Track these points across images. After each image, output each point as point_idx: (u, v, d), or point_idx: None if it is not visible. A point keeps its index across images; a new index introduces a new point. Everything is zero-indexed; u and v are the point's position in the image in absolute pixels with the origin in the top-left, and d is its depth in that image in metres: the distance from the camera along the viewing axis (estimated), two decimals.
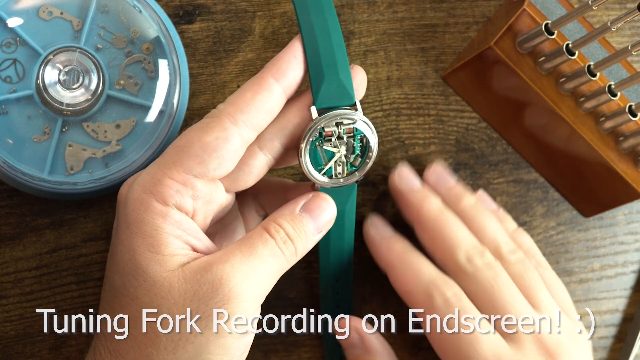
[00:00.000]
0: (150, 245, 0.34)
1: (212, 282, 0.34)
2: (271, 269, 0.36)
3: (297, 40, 0.37)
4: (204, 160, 0.35)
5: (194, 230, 0.36)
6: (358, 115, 0.37)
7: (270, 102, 0.36)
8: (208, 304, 0.34)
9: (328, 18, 0.37)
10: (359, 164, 0.39)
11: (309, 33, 0.37)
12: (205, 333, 0.34)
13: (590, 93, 0.45)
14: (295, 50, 0.37)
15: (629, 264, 0.51)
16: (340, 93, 0.37)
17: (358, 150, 0.38)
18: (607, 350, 0.51)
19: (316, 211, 0.38)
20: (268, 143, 0.37)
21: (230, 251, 0.35)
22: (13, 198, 0.44)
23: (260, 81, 0.36)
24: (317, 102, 0.37)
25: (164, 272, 0.34)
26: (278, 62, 0.36)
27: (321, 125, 0.37)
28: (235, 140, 0.35)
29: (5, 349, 0.44)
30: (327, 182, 0.38)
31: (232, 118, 0.35)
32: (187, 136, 0.35)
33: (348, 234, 0.42)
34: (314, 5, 0.37)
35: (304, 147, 0.37)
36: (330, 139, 0.37)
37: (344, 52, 0.37)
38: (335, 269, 0.44)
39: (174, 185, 0.35)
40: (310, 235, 0.37)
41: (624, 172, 0.46)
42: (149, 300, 0.34)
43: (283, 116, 0.37)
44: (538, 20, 0.44)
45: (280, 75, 0.36)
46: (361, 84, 0.38)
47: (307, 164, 0.37)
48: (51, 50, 0.41)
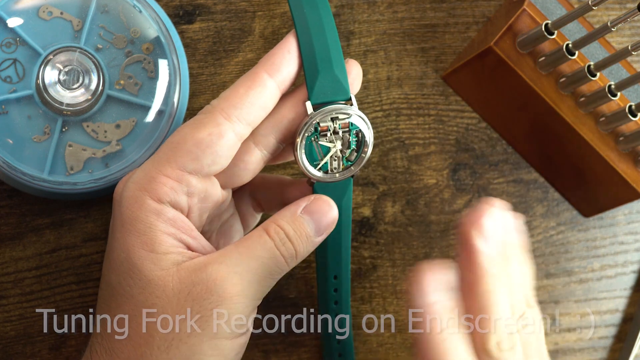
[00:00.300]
0: (144, 243, 0.34)
1: (206, 283, 0.34)
2: (268, 270, 0.35)
3: (291, 35, 0.37)
4: (198, 156, 0.35)
5: (188, 228, 0.36)
6: (353, 109, 0.37)
7: (264, 98, 0.36)
8: (202, 304, 0.34)
9: (322, 13, 0.37)
10: (355, 159, 0.39)
11: (303, 28, 0.37)
12: (199, 333, 0.34)
13: (590, 93, 0.45)
14: (289, 45, 0.36)
15: (629, 264, 0.51)
16: (335, 88, 0.37)
17: (354, 145, 0.38)
18: (607, 350, 0.51)
19: (317, 214, 0.38)
20: (263, 139, 0.37)
21: (227, 252, 0.35)
22: (13, 198, 0.44)
23: (254, 77, 0.36)
24: (312, 97, 0.36)
25: (158, 271, 0.34)
26: (272, 57, 0.36)
27: (316, 121, 0.37)
28: (229, 136, 0.35)
29: (5, 349, 0.44)
30: (322, 177, 0.38)
31: (225, 113, 0.35)
32: (180, 133, 0.35)
33: (345, 229, 0.42)
34: (307, 0, 0.37)
35: (300, 142, 0.37)
36: (325, 134, 0.37)
37: (339, 46, 0.37)
38: (333, 265, 0.44)
39: (168, 182, 0.35)
40: (311, 237, 0.37)
41: (624, 172, 0.46)
42: (144, 299, 0.34)
43: (278, 111, 0.37)
44: (538, 20, 0.44)
45: (274, 71, 0.36)
46: (356, 78, 0.38)
47: (302, 159, 0.37)
48: (51, 50, 0.41)
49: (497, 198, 0.37)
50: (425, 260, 0.48)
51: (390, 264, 0.48)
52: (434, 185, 0.48)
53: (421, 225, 0.48)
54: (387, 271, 0.48)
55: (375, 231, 0.48)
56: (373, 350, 0.48)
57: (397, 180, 0.48)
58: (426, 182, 0.48)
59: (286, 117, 0.37)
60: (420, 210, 0.48)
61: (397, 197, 0.48)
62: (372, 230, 0.48)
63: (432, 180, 0.48)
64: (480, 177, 0.49)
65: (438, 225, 0.48)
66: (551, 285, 0.50)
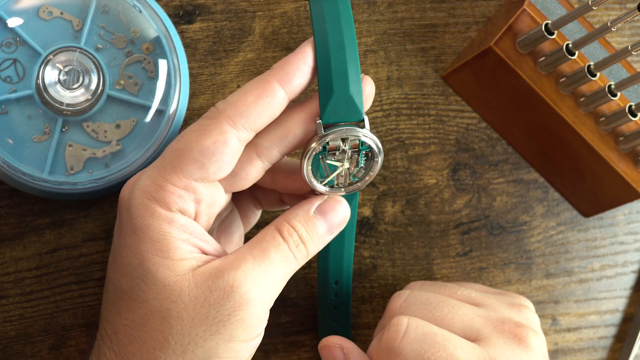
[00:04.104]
0: (158, 250, 0.34)
1: (223, 289, 0.34)
2: (282, 273, 0.35)
3: (308, 45, 0.35)
4: (204, 164, 0.34)
5: (200, 232, 0.36)
6: (365, 132, 0.36)
7: (273, 108, 0.35)
8: (219, 310, 0.34)
9: (344, 28, 0.35)
10: (362, 176, 0.38)
11: (323, 43, 0.35)
12: (215, 338, 0.34)
13: (590, 93, 0.45)
14: (305, 56, 0.35)
15: (629, 264, 0.51)
16: (348, 108, 0.35)
17: (362, 163, 0.37)
18: (607, 350, 0.51)
19: (330, 214, 0.37)
20: (266, 151, 0.36)
21: (242, 256, 0.35)
22: (13, 198, 0.44)
23: (265, 85, 0.35)
24: (324, 116, 0.35)
25: (174, 277, 0.34)
26: (286, 66, 0.35)
27: (326, 141, 0.36)
28: (233, 143, 0.35)
29: (5, 349, 0.44)
30: (328, 191, 0.38)
31: (231, 121, 0.34)
32: (185, 139, 0.35)
33: (348, 237, 0.42)
34: (330, 13, 0.35)
35: (307, 161, 0.36)
36: (334, 153, 0.36)
37: (357, 64, 0.35)
38: (334, 271, 0.44)
39: (176, 191, 0.34)
40: (322, 237, 0.37)
41: (624, 172, 0.46)
42: (159, 304, 0.34)
43: (284, 124, 0.36)
44: (538, 20, 0.44)
45: (287, 82, 0.35)
46: (369, 96, 0.36)
47: (308, 175, 0.37)
48: (51, 50, 0.41)
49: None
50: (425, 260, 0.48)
51: (390, 264, 0.48)
52: (434, 185, 0.48)
53: (421, 225, 0.48)
54: (387, 271, 0.48)
55: (375, 231, 0.48)
56: None
57: (397, 180, 0.48)
58: (426, 182, 0.48)
59: (292, 132, 0.36)
60: (420, 210, 0.48)
61: (397, 197, 0.48)
62: (372, 230, 0.48)
63: (432, 180, 0.48)
64: (480, 177, 0.49)
65: (438, 225, 0.48)
66: (551, 285, 0.50)
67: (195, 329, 0.34)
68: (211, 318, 0.34)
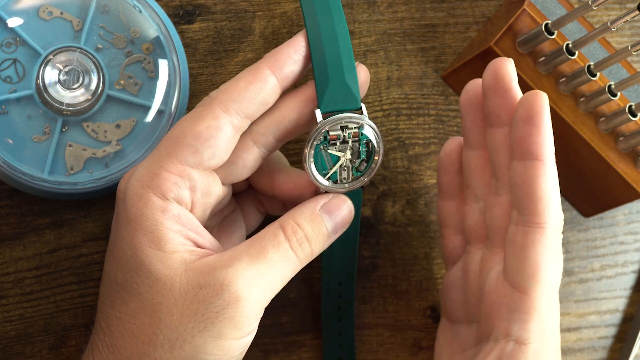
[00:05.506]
0: (151, 241, 0.34)
1: (213, 286, 0.34)
2: (280, 273, 0.35)
3: (301, 36, 0.36)
4: (198, 149, 0.35)
5: (194, 224, 0.35)
6: (364, 119, 0.36)
7: (264, 94, 0.36)
8: (208, 307, 0.34)
9: (335, 19, 0.36)
10: (365, 169, 0.38)
11: (315, 34, 0.36)
12: (203, 335, 0.34)
13: (590, 93, 0.45)
14: (297, 45, 0.36)
15: (629, 264, 0.51)
16: (345, 97, 0.36)
17: (363, 155, 0.38)
18: (607, 350, 0.51)
19: (336, 212, 0.37)
20: (262, 137, 0.37)
21: (237, 254, 0.35)
22: (13, 198, 0.44)
23: (256, 71, 0.35)
24: (322, 105, 0.36)
25: (166, 270, 0.34)
26: (277, 54, 0.36)
27: (326, 129, 0.36)
28: (227, 129, 0.35)
29: (5, 349, 0.44)
30: (331, 186, 0.38)
31: (223, 106, 0.35)
32: (179, 126, 0.35)
33: (353, 237, 0.42)
34: (321, 5, 0.36)
35: (309, 152, 0.36)
36: (335, 143, 0.37)
37: (351, 53, 0.36)
38: (338, 273, 0.44)
39: (170, 177, 0.34)
40: (327, 236, 0.37)
41: (624, 172, 0.46)
42: (150, 297, 0.34)
43: (278, 110, 0.37)
44: (538, 20, 0.44)
45: (278, 68, 0.36)
46: (364, 84, 0.37)
47: (311, 168, 0.37)
48: (51, 50, 0.41)
49: None
50: (425, 260, 0.48)
51: (390, 264, 0.48)
52: (434, 185, 0.48)
53: (421, 225, 0.48)
54: (387, 271, 0.48)
55: (375, 231, 0.48)
56: (373, 350, 0.48)
57: (397, 180, 0.48)
58: (426, 182, 0.48)
59: (287, 117, 0.37)
60: (420, 210, 0.48)
61: (397, 197, 0.48)
62: (372, 230, 0.48)
63: (432, 180, 0.48)
64: None
65: (438, 225, 0.48)
66: None
67: (183, 325, 0.34)
68: (200, 315, 0.33)
